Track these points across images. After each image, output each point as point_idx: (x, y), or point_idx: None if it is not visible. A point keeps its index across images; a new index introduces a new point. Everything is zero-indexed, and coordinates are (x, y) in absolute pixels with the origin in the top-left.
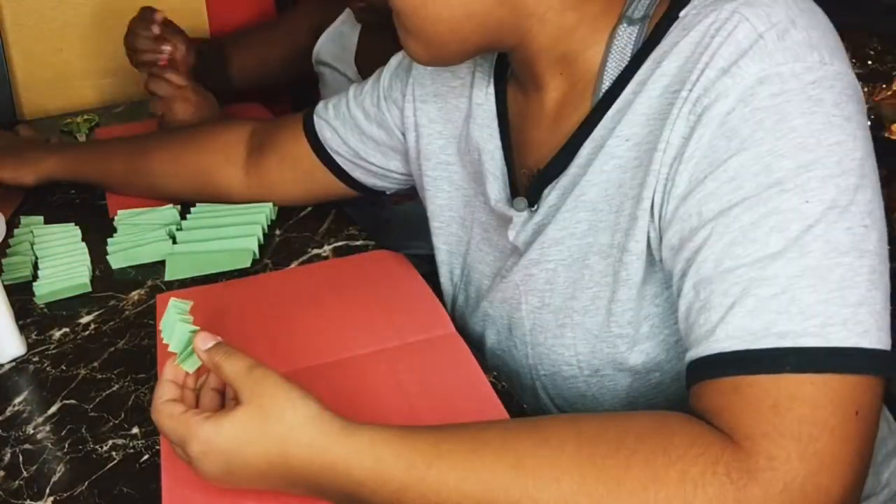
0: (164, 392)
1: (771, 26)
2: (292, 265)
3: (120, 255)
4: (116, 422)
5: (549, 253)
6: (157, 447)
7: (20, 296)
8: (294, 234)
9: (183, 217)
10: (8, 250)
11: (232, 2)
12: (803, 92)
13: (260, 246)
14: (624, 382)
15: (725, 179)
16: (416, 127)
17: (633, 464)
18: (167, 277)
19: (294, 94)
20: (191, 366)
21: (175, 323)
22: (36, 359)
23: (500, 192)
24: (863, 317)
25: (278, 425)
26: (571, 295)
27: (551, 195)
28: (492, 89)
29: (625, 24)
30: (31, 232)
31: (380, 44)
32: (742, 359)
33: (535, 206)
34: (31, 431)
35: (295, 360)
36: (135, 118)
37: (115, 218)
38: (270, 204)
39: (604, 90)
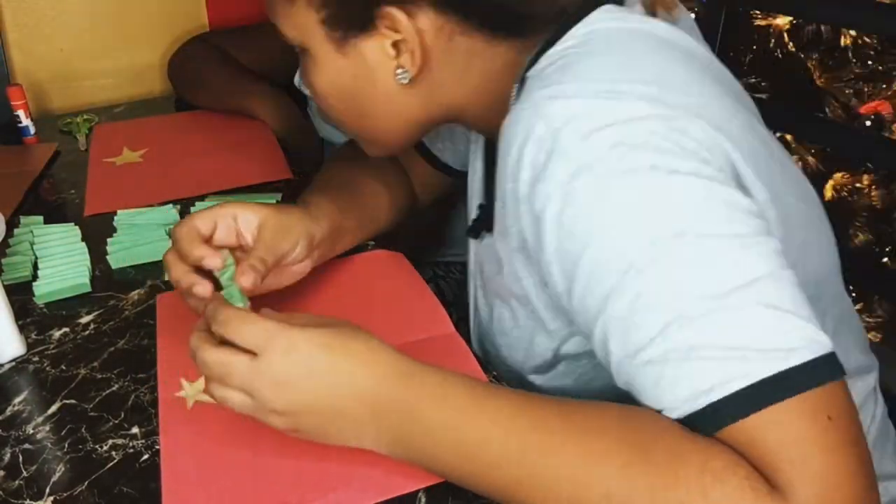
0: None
1: (565, 123)
2: None
3: (120, 255)
4: (116, 422)
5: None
6: (157, 447)
7: (20, 296)
8: None
9: (183, 217)
10: (8, 250)
11: None
12: (614, 171)
13: None
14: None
15: (586, 276)
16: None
17: (664, 438)
18: (167, 277)
19: (294, 95)
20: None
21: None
22: (36, 359)
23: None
24: (777, 341)
25: (364, 337)
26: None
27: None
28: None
29: (517, 85)
30: (31, 232)
31: None
32: (694, 421)
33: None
34: (31, 431)
35: None
36: (135, 118)
37: (115, 218)
38: (272, 202)
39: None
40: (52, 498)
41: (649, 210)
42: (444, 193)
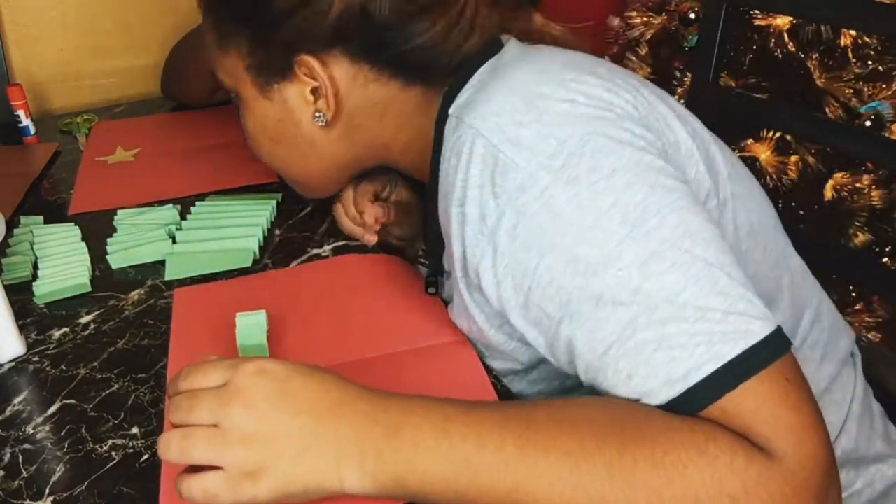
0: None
1: (503, 138)
2: (292, 265)
3: (120, 254)
4: (116, 422)
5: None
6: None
7: (20, 296)
8: (294, 234)
9: (183, 217)
10: (8, 250)
11: None
12: (559, 180)
13: (259, 246)
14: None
15: (546, 284)
16: None
17: (651, 417)
18: (167, 277)
19: None
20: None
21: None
22: (36, 359)
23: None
24: (736, 323)
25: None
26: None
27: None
28: None
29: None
30: (31, 232)
31: None
32: (674, 406)
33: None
34: (31, 431)
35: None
36: (135, 117)
37: (115, 218)
38: (273, 203)
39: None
40: (51, 498)
41: (596, 215)
42: None
